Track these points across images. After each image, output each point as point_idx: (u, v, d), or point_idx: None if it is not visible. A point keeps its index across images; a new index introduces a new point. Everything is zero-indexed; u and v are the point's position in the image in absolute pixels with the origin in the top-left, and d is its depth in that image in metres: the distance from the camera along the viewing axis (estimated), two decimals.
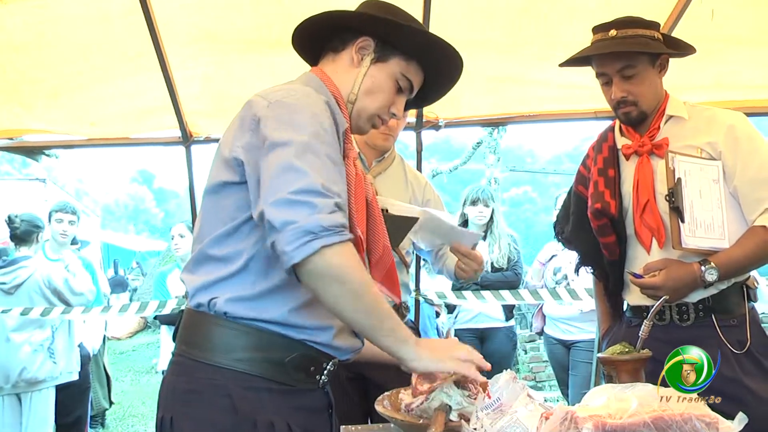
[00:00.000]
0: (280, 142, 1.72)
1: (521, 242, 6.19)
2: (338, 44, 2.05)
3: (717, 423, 1.62)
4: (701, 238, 2.59)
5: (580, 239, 2.99)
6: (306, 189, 1.67)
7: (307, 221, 1.64)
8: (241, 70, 4.15)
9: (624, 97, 2.71)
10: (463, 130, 7.56)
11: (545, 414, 1.68)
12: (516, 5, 3.93)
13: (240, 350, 1.79)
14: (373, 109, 2.04)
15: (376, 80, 2.02)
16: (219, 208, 1.85)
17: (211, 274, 1.83)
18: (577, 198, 2.99)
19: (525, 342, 9.64)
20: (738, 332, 2.65)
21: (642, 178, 2.72)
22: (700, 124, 2.74)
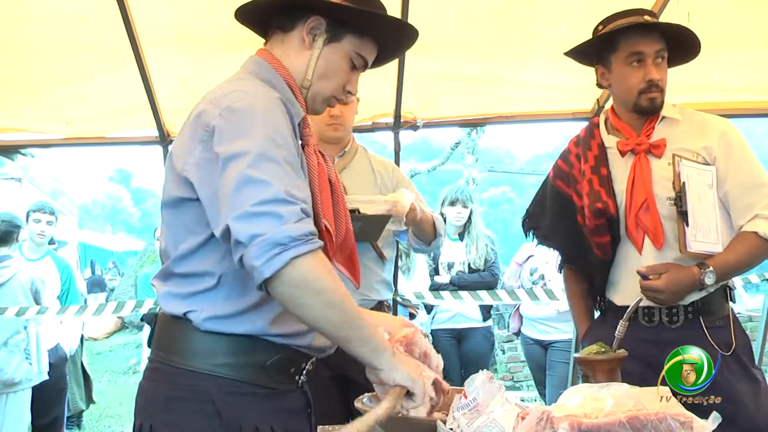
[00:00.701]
0: (235, 154, 1.65)
1: (499, 242, 6.20)
2: (286, 23, 1.92)
3: (691, 422, 1.63)
4: (701, 242, 2.61)
5: (561, 236, 2.96)
6: (269, 199, 1.61)
7: (274, 233, 1.58)
8: (218, 69, 4.10)
9: (659, 81, 2.69)
10: (442, 130, 7.58)
11: (521, 414, 1.69)
12: (494, 7, 3.93)
13: (221, 355, 1.76)
14: (328, 91, 1.96)
15: (330, 62, 1.92)
16: (179, 222, 1.80)
17: (183, 288, 1.79)
18: (556, 193, 2.96)
19: (503, 342, 9.66)
20: (723, 333, 2.68)
21: (639, 178, 2.70)
22: (693, 127, 2.76)
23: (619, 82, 2.77)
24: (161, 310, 1.87)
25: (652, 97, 2.71)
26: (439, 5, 3.93)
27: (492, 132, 20.38)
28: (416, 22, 3.80)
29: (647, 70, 2.69)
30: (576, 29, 4.03)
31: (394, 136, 4.66)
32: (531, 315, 5.77)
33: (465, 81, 4.45)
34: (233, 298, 1.76)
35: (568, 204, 2.88)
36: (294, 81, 1.91)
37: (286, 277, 1.59)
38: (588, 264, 2.85)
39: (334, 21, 1.90)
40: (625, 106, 2.80)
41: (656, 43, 2.68)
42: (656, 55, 2.69)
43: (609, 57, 2.77)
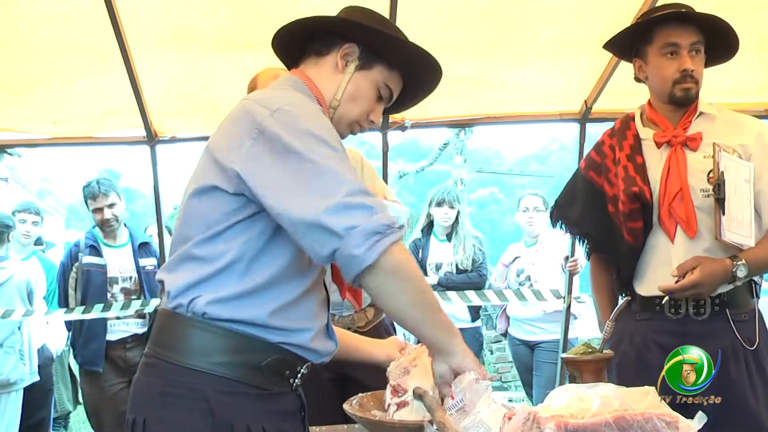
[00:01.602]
0: (301, 149, 1.72)
1: (487, 243, 6.21)
2: (322, 48, 2.02)
3: (677, 422, 1.64)
4: (734, 233, 2.64)
5: (591, 224, 2.97)
6: (354, 191, 1.69)
7: (369, 222, 1.65)
8: (206, 70, 4.13)
9: (693, 71, 2.73)
10: (430, 131, 7.58)
11: (508, 414, 1.69)
12: (482, 8, 3.94)
13: (218, 354, 1.77)
14: (354, 115, 2.02)
15: (359, 87, 2.01)
16: (207, 210, 1.82)
17: (193, 273, 1.80)
18: (587, 183, 2.98)
19: (491, 342, 9.67)
20: (748, 328, 2.72)
21: (674, 168, 2.73)
22: (729, 125, 2.81)
23: (655, 73, 2.81)
24: (161, 305, 1.88)
25: (686, 88, 2.75)
26: (427, 6, 3.94)
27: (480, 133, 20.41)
28: (404, 23, 3.84)
29: (682, 61, 2.72)
30: (565, 31, 4.07)
31: (382, 137, 4.67)
32: (518, 316, 5.79)
33: (453, 82, 4.45)
34: (238, 282, 1.78)
35: (599, 194, 2.92)
36: (324, 101, 1.98)
37: (385, 263, 1.67)
38: (616, 252, 2.87)
39: (368, 50, 2.00)
40: (661, 98, 2.83)
41: (692, 35, 2.72)
42: (691, 47, 2.73)
43: (645, 49, 2.81)
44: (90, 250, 5.20)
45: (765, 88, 4.54)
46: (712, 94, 4.43)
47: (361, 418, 2.09)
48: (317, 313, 1.92)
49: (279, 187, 1.72)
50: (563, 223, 3.11)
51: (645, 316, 2.78)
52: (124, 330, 5.15)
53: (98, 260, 5.19)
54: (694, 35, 2.73)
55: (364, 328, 3.19)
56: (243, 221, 1.78)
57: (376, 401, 2.25)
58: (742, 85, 4.48)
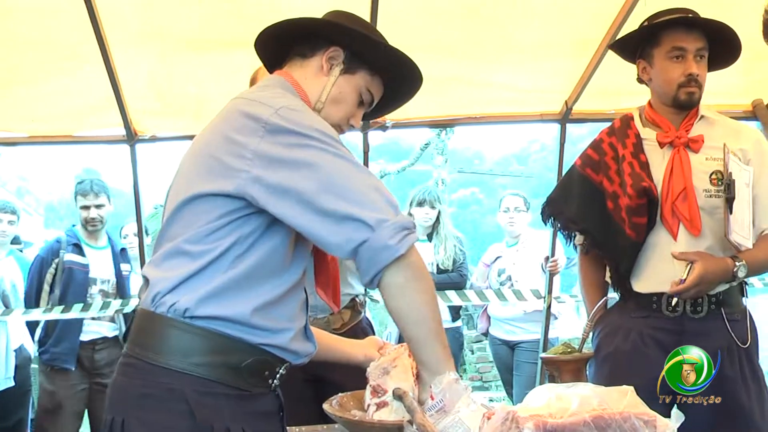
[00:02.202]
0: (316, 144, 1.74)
1: (468, 243, 6.22)
2: (307, 50, 2.05)
3: (655, 421, 1.65)
4: (737, 234, 2.70)
5: (590, 220, 3.00)
6: (375, 188, 1.74)
7: (397, 218, 1.70)
8: (187, 68, 4.11)
9: (697, 75, 2.79)
10: (411, 131, 7.59)
11: (487, 414, 1.70)
12: (463, 8, 3.95)
13: (198, 354, 1.76)
14: (336, 118, 2.04)
15: (343, 91, 2.03)
16: (201, 212, 1.81)
17: (180, 269, 1.78)
18: (585, 180, 3.01)
19: (472, 342, 9.70)
20: (741, 327, 2.80)
21: (677, 167, 2.79)
22: (729, 130, 2.88)
23: (660, 76, 2.87)
24: (141, 305, 1.87)
25: (690, 91, 2.81)
26: (408, 6, 3.94)
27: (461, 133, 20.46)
28: (385, 23, 3.85)
29: (688, 65, 2.79)
30: (546, 32, 4.08)
31: (363, 137, 4.66)
32: (498, 316, 5.80)
33: (434, 82, 4.44)
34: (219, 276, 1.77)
35: (597, 190, 2.96)
36: (310, 103, 2.00)
37: (410, 258, 1.72)
38: (616, 248, 2.90)
39: (352, 54, 2.03)
40: (664, 101, 2.89)
41: (698, 40, 2.79)
42: (697, 52, 2.80)
43: (651, 51, 2.87)
44: (73, 248, 5.17)
45: (746, 90, 4.57)
46: None
47: (340, 418, 2.09)
48: (297, 314, 1.91)
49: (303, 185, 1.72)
50: (558, 219, 3.13)
51: (642, 314, 2.82)
52: (95, 331, 5.13)
53: (81, 259, 5.17)
54: (700, 41, 2.79)
55: (339, 330, 3.18)
56: (237, 220, 1.78)
57: (356, 401, 2.24)
58: (724, 87, 4.51)
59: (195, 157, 1.89)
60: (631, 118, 3.00)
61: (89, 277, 5.17)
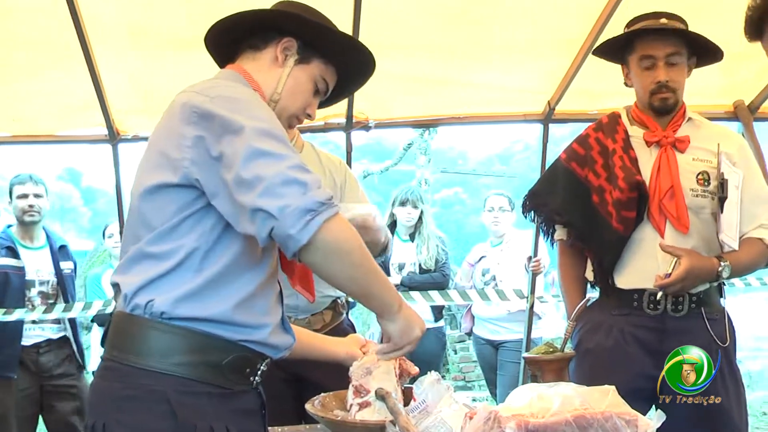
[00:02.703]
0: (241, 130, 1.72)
1: (452, 243, 6.23)
2: (259, 42, 2.04)
3: (636, 420, 1.65)
4: (726, 235, 2.73)
5: (575, 213, 3.00)
6: (291, 166, 1.69)
7: (302, 201, 1.65)
8: (169, 67, 4.09)
9: (667, 82, 2.81)
10: (395, 131, 7.58)
11: (469, 413, 1.70)
12: (446, 9, 3.95)
13: (177, 354, 1.76)
14: (293, 109, 2.05)
15: (299, 81, 2.03)
16: (159, 206, 1.80)
17: (147, 272, 1.78)
18: (570, 174, 3.02)
19: (455, 342, 9.70)
20: (719, 326, 2.82)
21: (665, 166, 2.82)
22: (714, 134, 2.92)
23: (635, 82, 2.92)
24: (117, 308, 1.86)
25: (662, 98, 2.85)
26: (391, 6, 3.94)
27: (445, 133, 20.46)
28: (368, 23, 3.84)
29: (657, 73, 2.82)
30: (529, 32, 4.09)
31: (346, 137, 4.66)
32: (482, 315, 5.81)
33: (417, 82, 4.47)
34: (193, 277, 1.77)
35: (582, 184, 2.97)
36: (265, 96, 2.00)
37: (320, 241, 1.68)
38: (601, 242, 2.91)
39: (305, 44, 2.03)
40: (643, 106, 2.93)
41: (668, 46, 2.80)
42: (667, 58, 2.81)
43: (628, 58, 2.92)
44: (6, 251, 4.99)
45: (726, 90, 4.60)
46: None
47: (322, 418, 2.09)
48: (273, 307, 1.92)
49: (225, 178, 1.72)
50: (541, 212, 3.12)
51: (623, 311, 2.84)
52: (38, 335, 5.01)
53: (16, 262, 5.00)
54: (671, 46, 2.80)
55: (320, 331, 3.16)
56: (195, 214, 1.78)
57: (338, 401, 2.25)
58: (704, 87, 4.53)
59: (145, 156, 1.90)
60: (618, 116, 3.02)
61: (26, 280, 5.03)
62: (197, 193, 1.77)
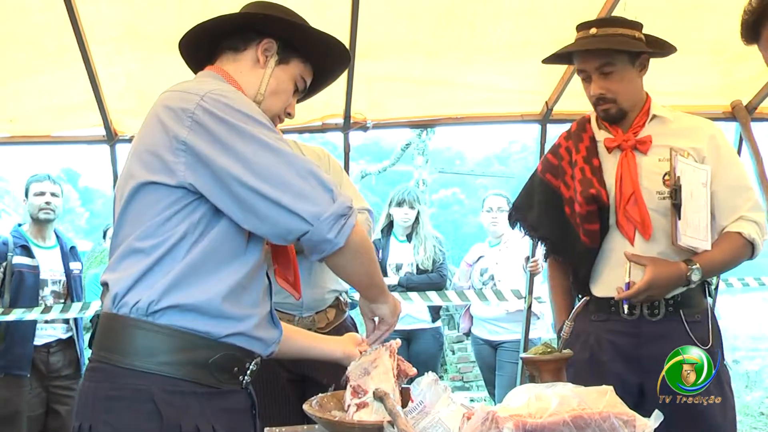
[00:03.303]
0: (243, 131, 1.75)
1: (450, 243, 6.22)
2: (239, 44, 2.05)
3: (634, 420, 1.65)
4: (690, 237, 2.67)
5: (548, 226, 2.99)
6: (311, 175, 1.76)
7: (333, 207, 1.75)
8: (167, 67, 4.08)
9: (602, 94, 2.77)
10: (392, 131, 7.59)
11: (467, 414, 1.70)
12: (445, 9, 3.95)
13: (164, 353, 1.75)
14: (276, 109, 2.08)
15: (280, 81, 2.06)
16: (147, 206, 1.80)
17: (137, 266, 1.77)
18: (545, 186, 3.00)
19: (453, 343, 9.70)
20: (701, 328, 2.76)
21: (626, 172, 2.77)
22: (683, 128, 2.84)
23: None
24: (104, 308, 1.85)
25: (603, 109, 2.81)
26: (389, 7, 3.94)
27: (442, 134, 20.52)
28: (366, 24, 3.84)
29: (591, 86, 2.79)
30: (526, 33, 4.09)
31: (343, 137, 4.67)
32: (481, 315, 5.81)
33: (415, 82, 4.47)
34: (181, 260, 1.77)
35: (556, 196, 2.95)
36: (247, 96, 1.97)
37: (352, 244, 1.81)
38: (573, 254, 2.89)
39: (285, 45, 2.05)
40: None
41: (596, 59, 2.75)
42: (598, 70, 2.76)
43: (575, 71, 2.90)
44: (21, 249, 5.01)
45: (722, 90, 4.60)
46: (670, 97, 4.51)
47: (320, 419, 2.08)
48: (261, 299, 1.92)
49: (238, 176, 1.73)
50: (522, 225, 3.13)
51: (601, 316, 2.82)
52: (50, 335, 5.03)
53: (31, 261, 5.02)
54: (598, 59, 2.75)
55: (324, 329, 3.18)
56: (185, 208, 1.79)
57: (336, 401, 2.24)
58: (700, 87, 4.54)
59: (133, 155, 1.89)
60: (587, 120, 2.98)
61: (40, 279, 5.05)
62: (186, 191, 1.78)
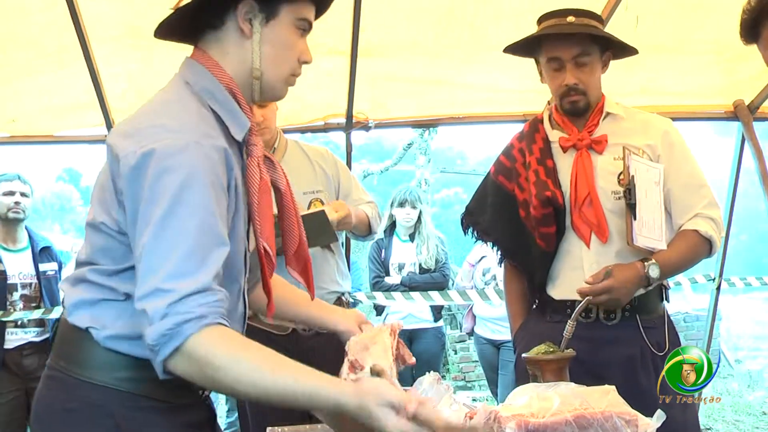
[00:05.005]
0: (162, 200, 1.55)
1: (452, 243, 6.22)
2: (216, 20, 1.79)
3: (636, 420, 1.65)
4: (646, 237, 2.61)
5: (501, 231, 2.92)
6: (172, 274, 1.52)
7: (171, 310, 1.51)
8: (168, 67, 4.07)
9: (576, 84, 2.68)
10: (395, 131, 7.60)
11: (469, 414, 1.70)
12: (447, 9, 3.95)
13: (122, 369, 1.68)
14: (286, 72, 1.84)
15: (277, 42, 1.80)
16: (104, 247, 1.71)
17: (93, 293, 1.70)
18: (498, 189, 2.93)
19: (455, 342, 9.69)
20: (657, 333, 2.71)
21: (581, 172, 2.70)
22: (636, 125, 2.78)
23: (548, 84, 2.80)
24: (63, 315, 1.78)
25: (572, 101, 2.72)
26: (392, 7, 3.94)
27: (444, 133, 20.48)
28: (369, 24, 3.84)
29: (564, 76, 2.70)
30: (527, 32, 4.09)
31: (346, 137, 4.67)
32: (484, 315, 5.81)
33: (417, 82, 4.48)
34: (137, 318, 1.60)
35: (510, 199, 2.87)
36: (236, 85, 1.80)
37: (184, 355, 1.52)
38: (528, 258, 2.83)
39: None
40: (558, 107, 2.81)
41: (575, 47, 2.66)
42: (575, 59, 2.68)
43: (539, 58, 2.80)
44: None
45: (724, 90, 4.60)
46: (672, 97, 4.52)
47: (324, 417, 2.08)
48: None
49: (141, 242, 1.58)
50: (474, 230, 3.05)
51: (556, 318, 2.71)
52: (21, 338, 4.92)
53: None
54: (577, 47, 2.66)
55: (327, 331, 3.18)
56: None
57: None
58: (702, 87, 4.54)
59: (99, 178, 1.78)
60: (540, 121, 2.91)
61: (8, 284, 4.92)
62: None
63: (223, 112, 1.77)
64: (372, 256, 5.90)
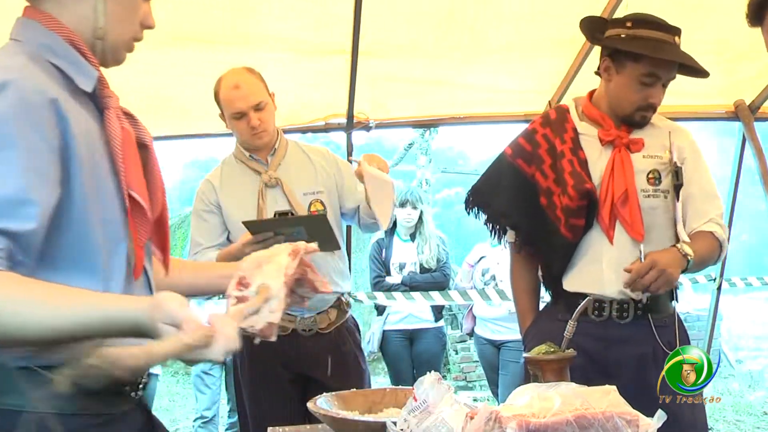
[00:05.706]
0: None
1: (453, 243, 6.23)
2: None
3: (637, 420, 1.65)
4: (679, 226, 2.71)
5: (522, 214, 2.85)
6: None
7: None
8: (171, 66, 4.08)
9: (656, 103, 2.73)
10: (395, 131, 7.60)
11: (470, 413, 1.69)
12: (448, 9, 3.95)
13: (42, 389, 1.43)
14: (128, 35, 1.71)
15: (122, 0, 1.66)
16: None
17: None
18: (516, 171, 2.85)
19: (456, 342, 9.69)
20: (668, 332, 2.73)
21: (619, 169, 2.70)
22: (664, 131, 2.80)
23: (622, 90, 2.73)
24: None
25: (645, 115, 2.74)
26: (392, 8, 3.94)
27: (445, 133, 20.48)
28: (369, 24, 3.84)
29: (653, 92, 2.69)
30: (530, 32, 4.10)
31: (346, 137, 4.68)
32: (484, 315, 5.81)
33: (417, 82, 4.48)
34: None
35: (529, 184, 2.82)
36: (79, 37, 1.62)
37: None
38: (549, 246, 2.79)
39: None
40: (612, 110, 2.78)
41: (673, 71, 2.69)
42: (668, 81, 2.71)
43: (625, 62, 2.69)
44: None
45: (725, 90, 4.60)
46: (672, 97, 4.49)
47: (324, 416, 2.08)
48: None
49: None
50: (484, 211, 2.95)
51: (568, 316, 2.59)
52: None
53: None
54: (674, 72, 2.70)
55: (326, 329, 3.18)
56: None
57: (340, 401, 2.24)
58: (704, 87, 4.53)
59: None
60: (567, 111, 2.87)
61: None
62: None
63: (64, 64, 1.59)
64: (373, 255, 5.91)
